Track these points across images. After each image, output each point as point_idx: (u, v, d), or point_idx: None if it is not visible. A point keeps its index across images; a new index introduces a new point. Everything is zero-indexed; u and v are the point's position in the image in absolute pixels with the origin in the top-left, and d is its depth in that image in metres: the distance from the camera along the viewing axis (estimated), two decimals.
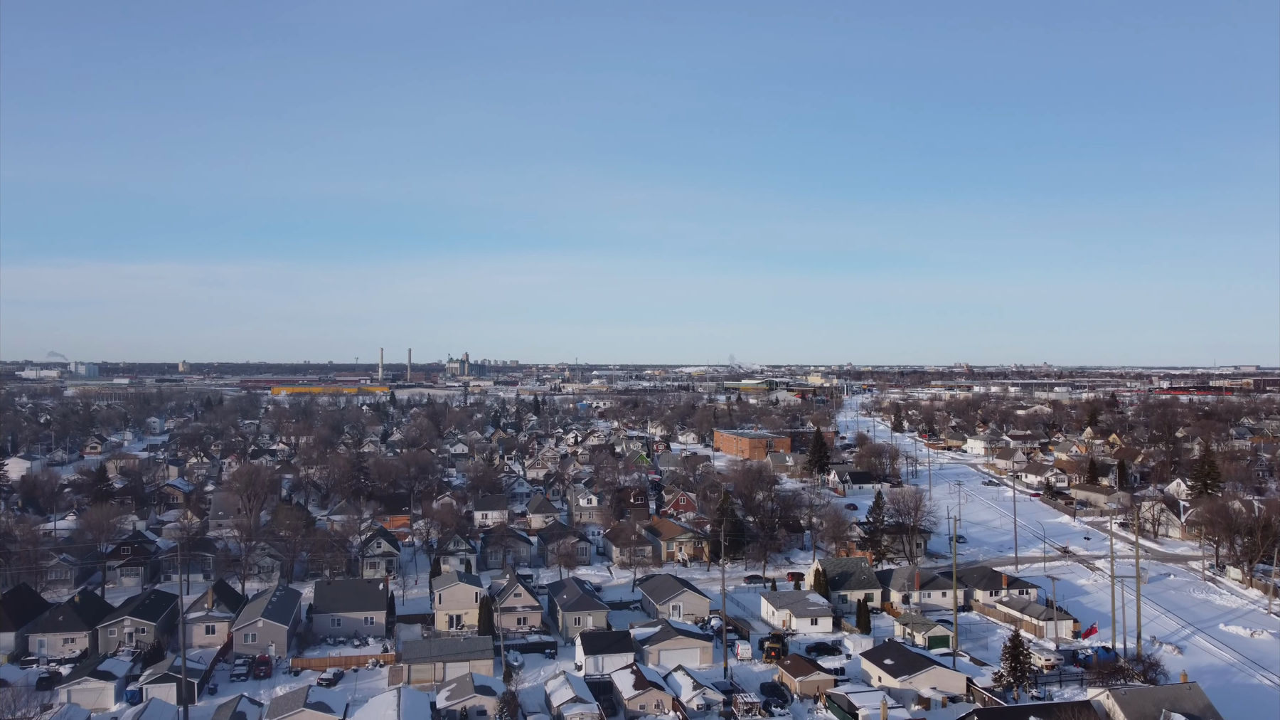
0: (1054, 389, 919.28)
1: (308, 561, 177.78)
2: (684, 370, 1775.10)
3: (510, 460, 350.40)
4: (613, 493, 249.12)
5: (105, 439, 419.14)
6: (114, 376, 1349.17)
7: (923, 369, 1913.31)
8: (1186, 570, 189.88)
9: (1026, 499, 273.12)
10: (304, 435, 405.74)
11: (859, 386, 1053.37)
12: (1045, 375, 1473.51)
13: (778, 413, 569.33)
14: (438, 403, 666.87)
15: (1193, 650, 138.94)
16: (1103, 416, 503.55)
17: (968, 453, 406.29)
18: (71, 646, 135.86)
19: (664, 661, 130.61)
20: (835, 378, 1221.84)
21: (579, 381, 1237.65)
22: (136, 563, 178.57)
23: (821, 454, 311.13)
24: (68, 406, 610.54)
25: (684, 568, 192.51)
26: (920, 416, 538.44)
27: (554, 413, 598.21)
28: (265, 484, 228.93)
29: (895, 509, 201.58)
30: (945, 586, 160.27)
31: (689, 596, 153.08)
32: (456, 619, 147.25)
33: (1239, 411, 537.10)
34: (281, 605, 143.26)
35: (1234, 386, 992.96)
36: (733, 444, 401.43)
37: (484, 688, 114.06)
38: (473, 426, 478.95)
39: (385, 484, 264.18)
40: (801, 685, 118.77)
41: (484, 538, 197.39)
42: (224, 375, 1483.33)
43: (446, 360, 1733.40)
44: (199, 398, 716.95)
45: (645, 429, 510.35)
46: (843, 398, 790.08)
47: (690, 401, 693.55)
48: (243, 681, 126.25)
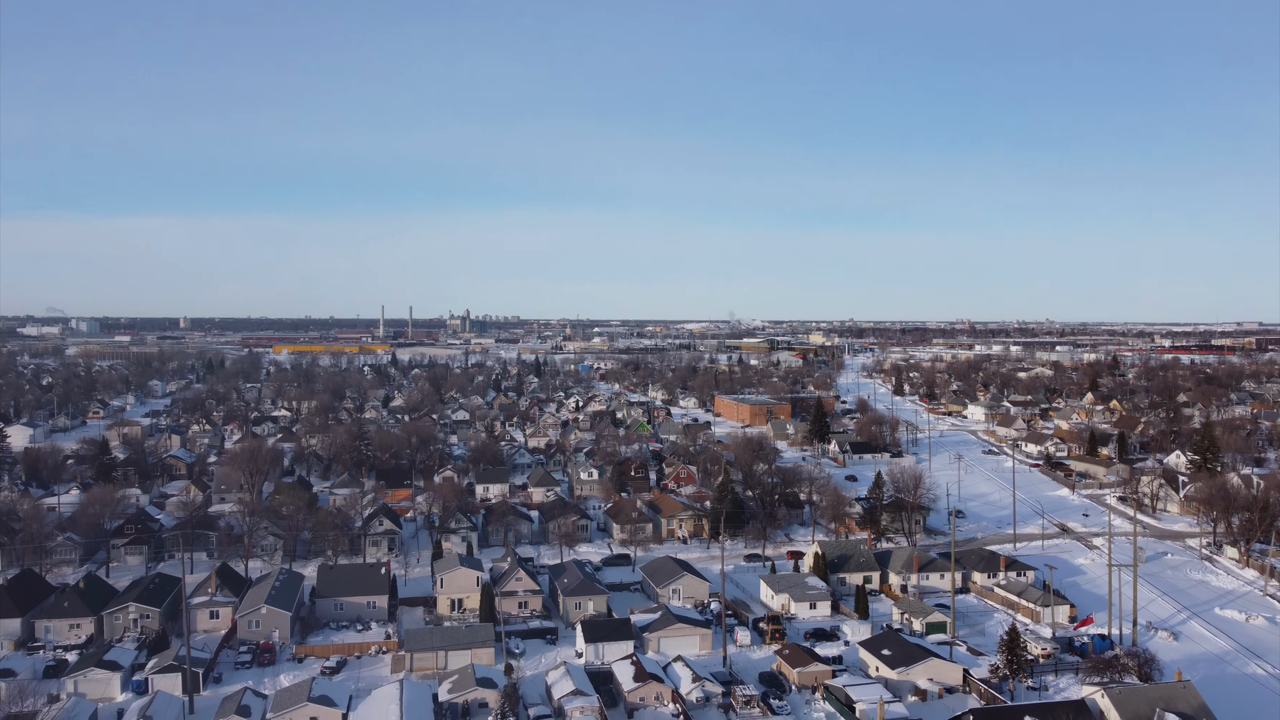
0: (1055, 348, 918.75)
1: (310, 540, 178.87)
2: (685, 326, 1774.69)
3: (511, 427, 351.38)
4: (614, 465, 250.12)
5: (107, 404, 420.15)
6: (115, 333, 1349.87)
7: (925, 325, 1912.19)
8: (1184, 548, 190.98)
9: (1026, 470, 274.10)
10: (306, 401, 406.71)
11: (860, 345, 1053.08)
12: (1047, 333, 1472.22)
13: (779, 375, 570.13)
14: (439, 364, 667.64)
15: (1188, 636, 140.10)
16: (1103, 380, 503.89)
17: (968, 418, 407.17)
18: (77, 632, 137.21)
19: (664, 649, 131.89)
20: (837, 336, 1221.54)
21: (580, 339, 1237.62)
22: (140, 541, 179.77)
23: (822, 424, 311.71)
24: (69, 368, 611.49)
25: (684, 545, 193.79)
26: (921, 380, 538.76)
27: (555, 374, 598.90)
28: (267, 458, 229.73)
29: (895, 487, 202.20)
30: (944, 569, 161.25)
31: (689, 580, 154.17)
32: (458, 603, 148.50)
33: (1240, 375, 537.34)
34: (284, 590, 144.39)
35: (1236, 345, 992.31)
36: (734, 410, 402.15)
37: (485, 680, 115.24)
38: (474, 390, 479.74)
39: (387, 454, 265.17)
40: (800, 676, 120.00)
41: (485, 514, 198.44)
42: (225, 332, 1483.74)
43: (448, 317, 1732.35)
44: (200, 358, 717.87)
45: (646, 392, 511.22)
46: (844, 358, 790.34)
47: (692, 362, 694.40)
48: (247, 669, 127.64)
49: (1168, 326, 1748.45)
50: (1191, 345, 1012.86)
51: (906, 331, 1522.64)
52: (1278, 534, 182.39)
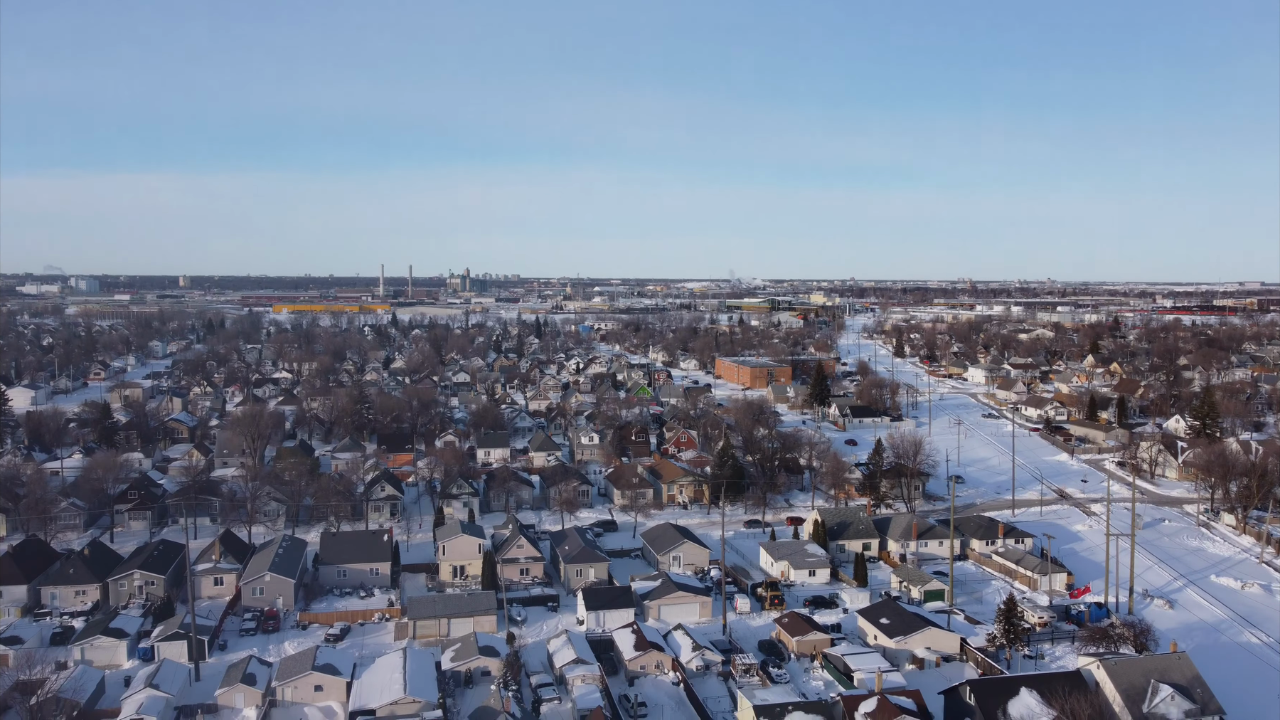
0: (1057, 309, 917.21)
1: (313, 506, 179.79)
2: (685, 285, 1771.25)
3: (512, 390, 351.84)
4: (614, 429, 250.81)
5: (108, 365, 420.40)
6: (114, 292, 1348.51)
7: (926, 284, 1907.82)
8: (1181, 514, 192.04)
9: (1025, 435, 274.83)
10: (306, 362, 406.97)
11: (861, 305, 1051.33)
12: (1049, 293, 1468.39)
13: (779, 336, 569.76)
14: (439, 325, 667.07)
15: (1184, 604, 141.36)
16: (1104, 342, 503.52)
17: (968, 381, 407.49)
18: (83, 599, 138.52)
19: (664, 617, 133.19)
20: (838, 296, 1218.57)
21: (581, 299, 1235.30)
22: (144, 507, 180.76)
23: (822, 387, 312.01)
24: (70, 329, 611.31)
25: (684, 510, 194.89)
26: (922, 341, 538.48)
27: (555, 335, 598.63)
28: (268, 423, 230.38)
29: (895, 453, 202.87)
30: (942, 536, 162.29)
31: (689, 547, 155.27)
32: (460, 569, 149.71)
33: (1241, 337, 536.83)
34: (288, 557, 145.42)
35: (1238, 306, 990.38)
36: (734, 373, 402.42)
37: (488, 648, 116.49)
38: (474, 352, 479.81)
39: (388, 418, 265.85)
40: (799, 644, 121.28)
41: (487, 480, 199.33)
42: (225, 291, 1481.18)
43: (448, 275, 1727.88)
44: (200, 318, 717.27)
45: (647, 354, 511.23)
46: (844, 319, 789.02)
47: (692, 323, 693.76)
48: (252, 636, 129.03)
49: (1170, 286, 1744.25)
50: (1193, 306, 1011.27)
51: (908, 291, 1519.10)
52: (1275, 501, 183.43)
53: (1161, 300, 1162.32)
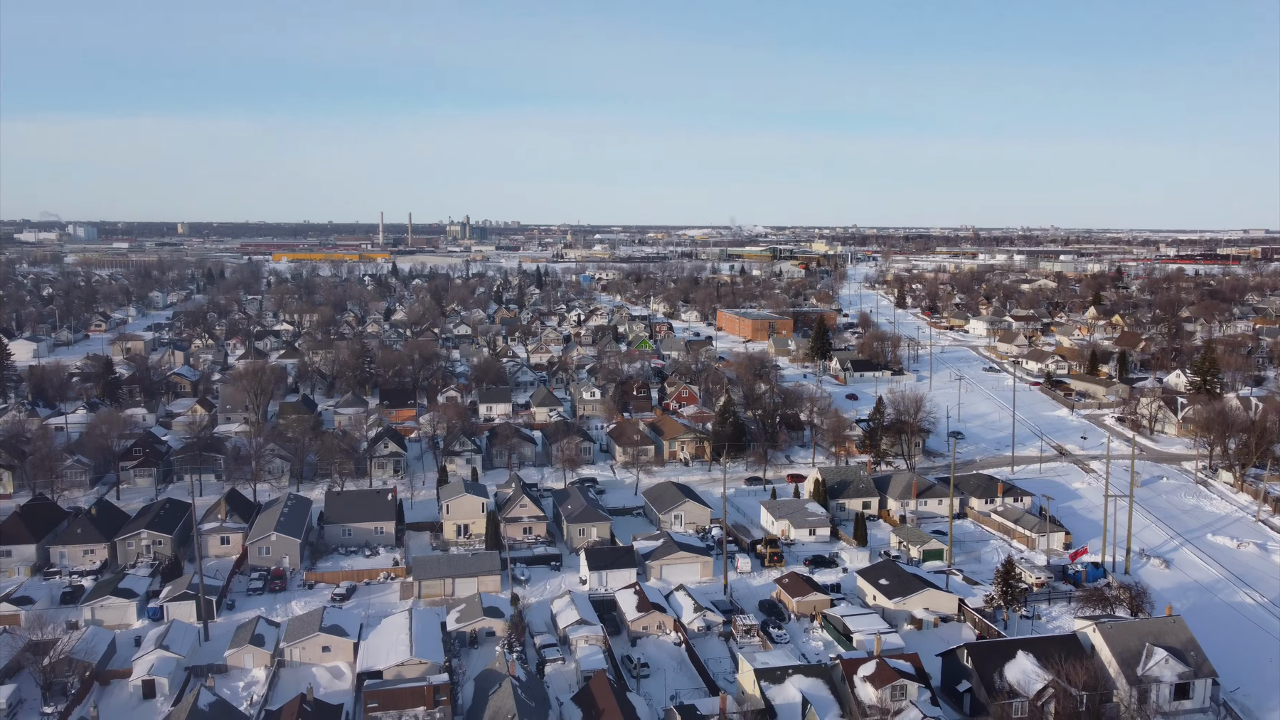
0: (1059, 258, 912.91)
1: (317, 463, 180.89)
2: (687, 233, 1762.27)
3: (513, 343, 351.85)
4: (616, 384, 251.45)
5: (109, 316, 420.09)
6: (113, 239, 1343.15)
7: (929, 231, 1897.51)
8: (1180, 471, 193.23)
9: (1026, 389, 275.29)
10: (307, 314, 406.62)
11: (863, 254, 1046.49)
12: (1052, 240, 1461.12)
13: (781, 287, 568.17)
14: (439, 274, 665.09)
15: (1180, 564, 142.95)
16: (1107, 293, 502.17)
17: (970, 333, 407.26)
18: (91, 558, 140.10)
19: (666, 576, 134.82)
20: (839, 244, 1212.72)
21: (581, 246, 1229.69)
22: (149, 464, 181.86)
23: (824, 341, 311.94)
24: (69, 278, 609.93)
25: (685, 467, 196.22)
26: (924, 292, 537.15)
27: (556, 285, 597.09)
28: (271, 379, 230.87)
29: (895, 409, 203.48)
30: (942, 494, 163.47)
31: (690, 506, 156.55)
32: (464, 528, 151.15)
33: (1244, 288, 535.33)
34: (293, 516, 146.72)
35: (1241, 255, 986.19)
36: (736, 325, 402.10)
37: (492, 609, 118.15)
38: (475, 303, 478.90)
39: (390, 372, 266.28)
40: (799, 605, 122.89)
41: (489, 436, 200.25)
42: (224, 238, 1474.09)
43: (447, 222, 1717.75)
44: (200, 267, 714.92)
45: (648, 304, 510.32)
46: (846, 268, 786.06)
47: (693, 272, 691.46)
48: (259, 595, 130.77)
49: (1173, 234, 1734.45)
50: (1197, 255, 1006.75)
51: (910, 238, 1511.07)
52: (1274, 459, 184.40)
53: (1165, 249, 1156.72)
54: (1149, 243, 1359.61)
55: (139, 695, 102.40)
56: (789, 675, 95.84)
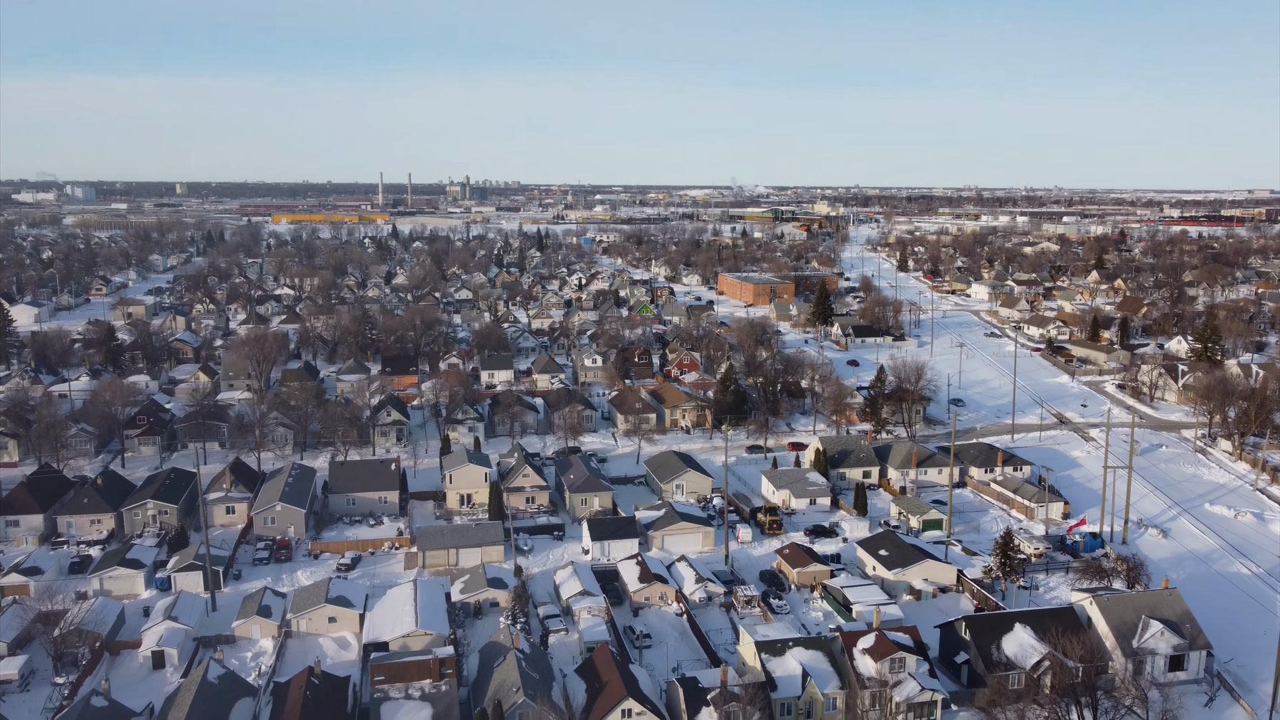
0: (1063, 219, 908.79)
1: (320, 432, 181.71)
2: (688, 193, 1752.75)
3: (514, 307, 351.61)
4: (617, 350, 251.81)
5: (109, 280, 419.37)
6: (111, 200, 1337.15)
7: (931, 192, 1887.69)
8: (1179, 439, 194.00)
9: (1027, 355, 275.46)
10: (308, 278, 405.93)
11: (865, 215, 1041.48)
12: (1055, 201, 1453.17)
13: (782, 250, 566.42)
14: (440, 237, 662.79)
15: (1177, 534, 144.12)
16: (1109, 256, 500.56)
17: (972, 297, 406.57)
18: (98, 528, 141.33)
19: (668, 546, 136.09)
20: (841, 205, 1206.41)
21: (582, 207, 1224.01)
22: (153, 432, 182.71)
23: (825, 306, 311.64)
24: (68, 241, 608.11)
25: (687, 435, 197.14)
26: (926, 255, 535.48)
27: (558, 248, 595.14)
28: (273, 346, 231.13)
29: (897, 377, 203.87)
30: (942, 464, 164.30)
31: (692, 476, 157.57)
32: (467, 498, 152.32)
33: (1247, 251, 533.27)
34: (298, 486, 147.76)
35: (1245, 216, 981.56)
36: (737, 289, 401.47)
37: (496, 580, 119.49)
38: (475, 266, 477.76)
39: (391, 338, 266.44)
40: (799, 575, 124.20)
41: (491, 404, 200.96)
42: (223, 199, 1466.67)
43: (447, 182, 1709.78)
44: (199, 229, 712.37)
45: (649, 268, 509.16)
46: (848, 230, 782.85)
47: (695, 234, 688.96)
48: (265, 565, 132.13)
49: (1178, 195, 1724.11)
50: (1200, 216, 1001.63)
51: (913, 199, 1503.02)
52: (1273, 427, 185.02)
53: (1169, 210, 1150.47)
54: (1153, 204, 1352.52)
55: (149, 666, 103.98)
56: (789, 648, 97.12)
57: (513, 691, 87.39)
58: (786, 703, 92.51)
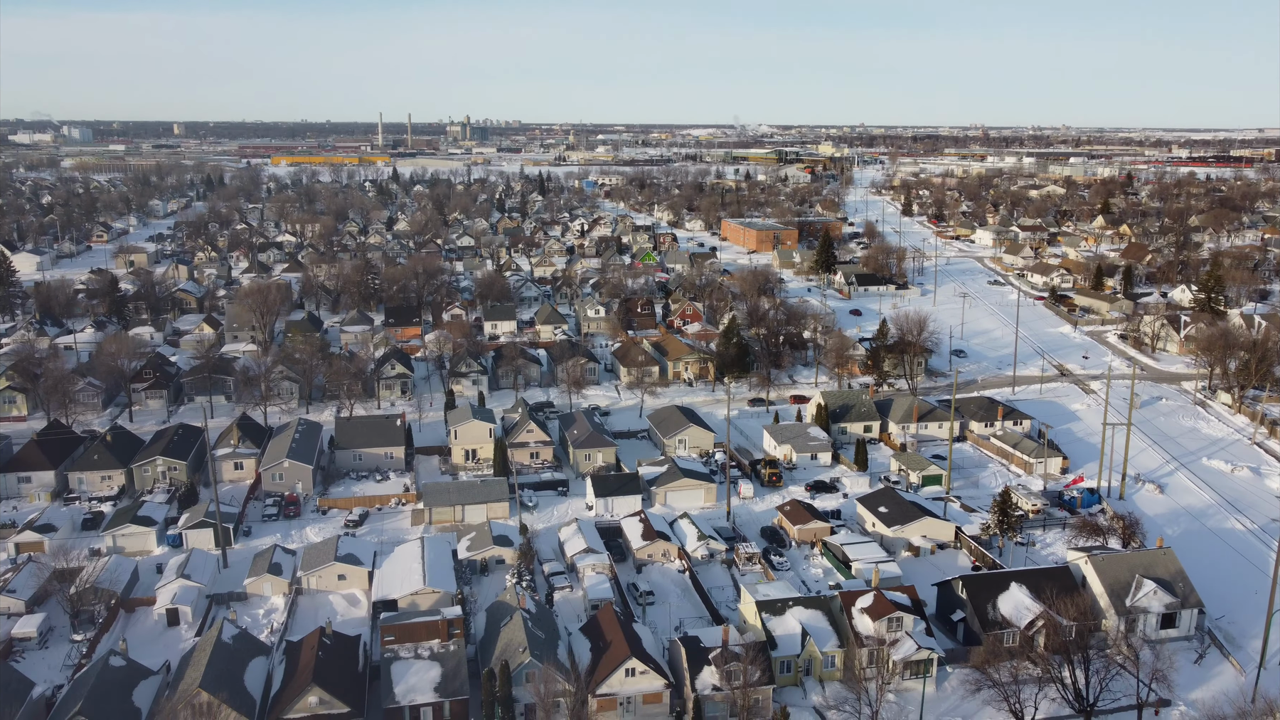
0: (1069, 160, 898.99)
1: (325, 385, 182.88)
2: (690, 133, 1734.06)
3: (516, 254, 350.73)
4: (620, 301, 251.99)
5: (109, 227, 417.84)
6: (108, 141, 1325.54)
7: (937, 131, 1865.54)
8: (1179, 392, 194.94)
9: (1030, 304, 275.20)
10: (309, 224, 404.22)
11: (870, 156, 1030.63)
12: (1062, 141, 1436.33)
13: (786, 193, 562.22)
14: (441, 180, 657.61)
15: (1174, 488, 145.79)
16: (1115, 200, 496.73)
17: (976, 243, 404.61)
18: (109, 484, 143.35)
19: (671, 502, 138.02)
20: (846, 146, 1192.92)
21: (584, 148, 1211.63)
22: (160, 386, 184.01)
23: (828, 255, 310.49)
24: (67, 185, 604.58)
25: (689, 388, 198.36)
26: (931, 199, 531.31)
27: (559, 192, 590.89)
28: (277, 297, 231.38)
29: (899, 329, 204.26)
30: (943, 418, 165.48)
31: (694, 431, 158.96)
32: (472, 453, 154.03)
33: (1255, 194, 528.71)
34: (304, 442, 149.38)
35: (1254, 157, 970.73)
36: (740, 235, 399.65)
37: (501, 538, 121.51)
38: (477, 211, 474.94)
39: (394, 287, 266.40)
40: (799, 532, 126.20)
41: (495, 357, 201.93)
42: (221, 139, 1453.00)
43: (448, 122, 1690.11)
44: (199, 172, 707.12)
45: (652, 212, 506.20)
46: (852, 172, 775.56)
47: (698, 177, 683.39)
48: (274, 522, 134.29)
49: (1187, 134, 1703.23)
50: (1209, 157, 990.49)
51: (918, 139, 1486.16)
52: (1273, 380, 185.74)
53: (1177, 150, 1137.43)
54: (1161, 143, 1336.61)
55: (164, 623, 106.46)
56: (789, 607, 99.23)
57: (519, 651, 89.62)
58: (786, 661, 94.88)
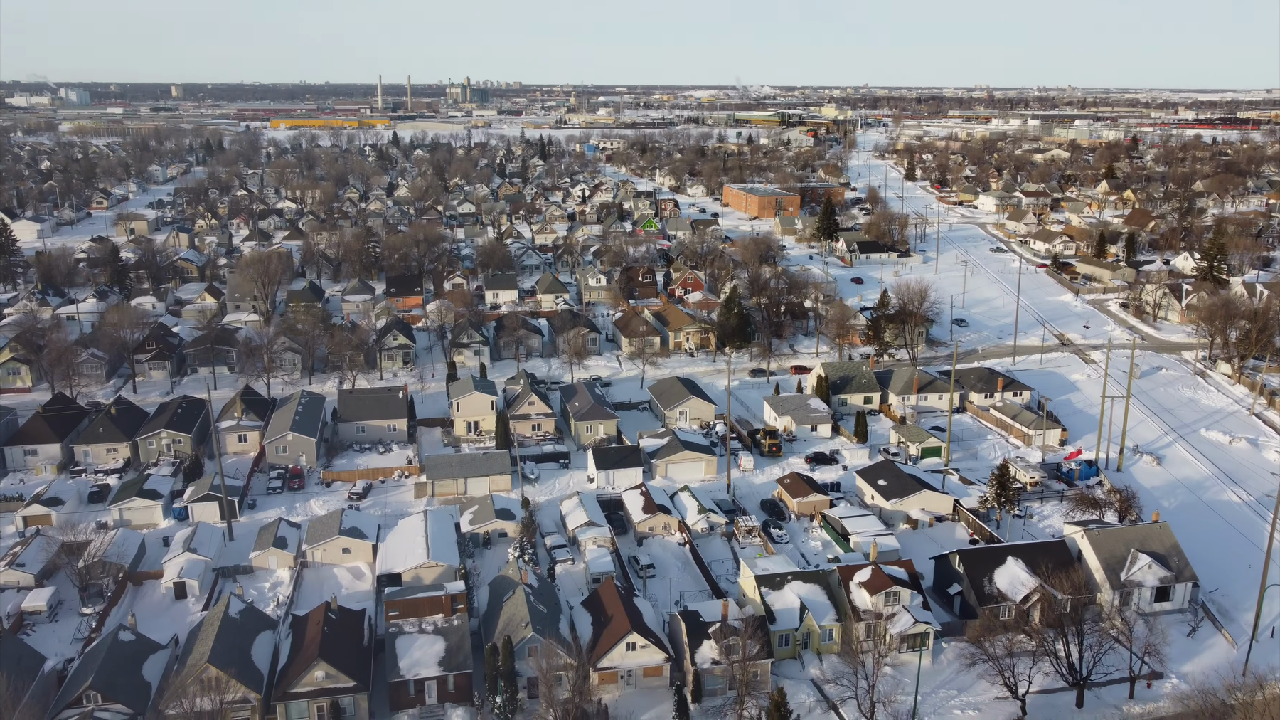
0: (1075, 122, 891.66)
1: (327, 356, 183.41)
2: (692, 94, 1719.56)
3: (517, 221, 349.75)
4: (622, 269, 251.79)
5: (109, 193, 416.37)
6: (106, 104, 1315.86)
7: (942, 93, 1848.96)
8: (1179, 362, 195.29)
9: (1032, 272, 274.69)
10: (309, 190, 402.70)
11: (873, 119, 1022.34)
12: (1068, 103, 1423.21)
13: (789, 158, 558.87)
14: (441, 144, 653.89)
15: (1171, 460, 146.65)
16: (1120, 164, 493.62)
17: (979, 209, 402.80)
18: (114, 457, 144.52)
19: (671, 474, 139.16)
20: (849, 108, 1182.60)
21: (585, 110, 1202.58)
22: (163, 357, 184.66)
23: (830, 221, 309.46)
24: (66, 150, 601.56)
25: (690, 358, 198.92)
26: (934, 163, 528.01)
27: (560, 156, 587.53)
28: (278, 267, 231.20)
29: (900, 299, 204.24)
30: (943, 389, 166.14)
31: (695, 403, 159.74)
32: (474, 425, 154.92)
33: (1260, 158, 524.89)
34: (308, 414, 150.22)
35: (1262, 119, 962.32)
36: (742, 201, 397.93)
37: (504, 511, 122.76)
38: (478, 177, 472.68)
39: (395, 255, 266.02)
40: (799, 505, 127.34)
41: (496, 327, 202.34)
42: (220, 102, 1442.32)
43: (447, 83, 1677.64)
44: (198, 136, 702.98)
45: (654, 177, 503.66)
46: (855, 135, 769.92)
47: (700, 141, 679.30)
48: (278, 494, 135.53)
49: (1194, 94, 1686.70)
50: (1216, 119, 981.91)
51: (922, 101, 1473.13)
52: (1273, 349, 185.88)
53: (1184, 112, 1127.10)
54: (1168, 105, 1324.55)
55: (171, 596, 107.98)
56: (788, 581, 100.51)
57: (521, 626, 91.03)
58: (785, 634, 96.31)
